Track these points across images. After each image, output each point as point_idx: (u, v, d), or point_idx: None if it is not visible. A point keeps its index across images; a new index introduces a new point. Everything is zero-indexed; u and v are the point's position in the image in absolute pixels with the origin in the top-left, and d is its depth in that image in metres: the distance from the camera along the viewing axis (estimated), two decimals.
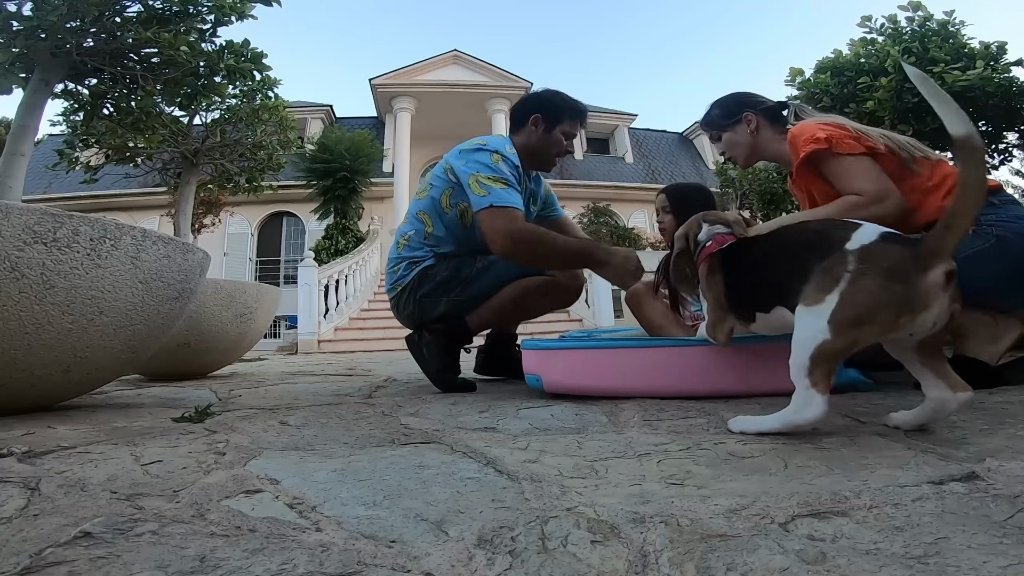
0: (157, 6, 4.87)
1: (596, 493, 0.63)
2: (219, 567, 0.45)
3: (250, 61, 5.62)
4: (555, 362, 1.37)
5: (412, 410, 1.29)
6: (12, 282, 1.11)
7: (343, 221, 10.96)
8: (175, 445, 0.94)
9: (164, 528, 0.54)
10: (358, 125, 13.57)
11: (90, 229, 1.22)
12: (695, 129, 16.77)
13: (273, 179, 9.09)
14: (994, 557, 0.42)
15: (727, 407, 1.16)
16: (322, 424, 1.14)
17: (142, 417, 1.27)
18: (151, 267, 1.37)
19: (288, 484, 0.69)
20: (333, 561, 0.46)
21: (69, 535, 0.52)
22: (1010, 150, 8.19)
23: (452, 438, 0.96)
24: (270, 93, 7.39)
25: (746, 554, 0.45)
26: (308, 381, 2.20)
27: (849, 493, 0.59)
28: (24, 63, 4.67)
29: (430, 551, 0.48)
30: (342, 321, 7.71)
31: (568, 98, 1.71)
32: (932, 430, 0.87)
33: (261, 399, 1.61)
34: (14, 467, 0.77)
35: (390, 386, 1.86)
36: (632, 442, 0.89)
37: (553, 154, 1.70)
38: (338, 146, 10.76)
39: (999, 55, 7.11)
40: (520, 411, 1.22)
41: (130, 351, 1.42)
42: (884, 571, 0.41)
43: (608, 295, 7.83)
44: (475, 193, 1.47)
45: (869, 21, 7.75)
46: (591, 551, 0.47)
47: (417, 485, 0.68)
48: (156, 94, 5.47)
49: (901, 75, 7.10)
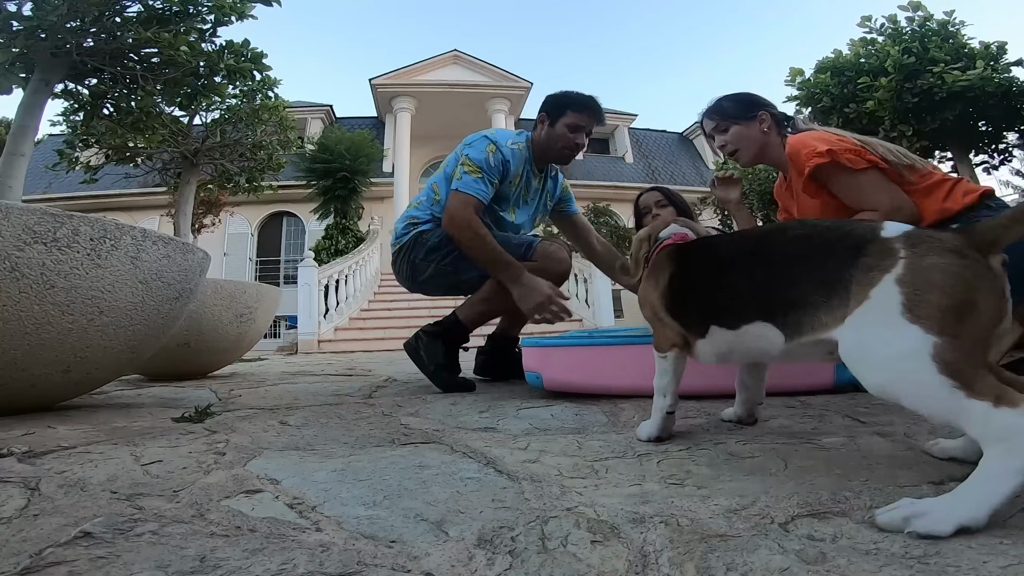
0: (157, 6, 4.86)
1: (596, 493, 0.63)
2: (219, 567, 0.45)
3: (250, 61, 5.62)
4: (556, 359, 1.37)
5: (412, 410, 1.29)
6: (12, 282, 1.11)
7: (343, 221, 10.96)
8: (175, 445, 0.94)
9: (164, 528, 0.54)
10: (358, 125, 13.56)
11: (90, 229, 1.22)
12: (695, 129, 16.76)
13: (273, 179, 9.08)
14: (994, 557, 0.42)
15: (727, 407, 1.17)
16: (322, 424, 1.14)
17: (142, 417, 1.27)
18: (151, 267, 1.37)
19: (288, 484, 0.69)
20: (333, 561, 0.46)
21: (69, 535, 0.52)
22: (1010, 150, 8.19)
23: (452, 438, 0.96)
24: (270, 93, 7.38)
25: (746, 554, 0.45)
26: (308, 381, 2.20)
27: (849, 493, 0.59)
28: (24, 63, 4.67)
29: (430, 551, 0.48)
30: (342, 321, 7.70)
31: (573, 93, 1.72)
32: (933, 430, 0.87)
33: (261, 399, 1.61)
34: (14, 467, 0.77)
35: (390, 386, 1.86)
36: (632, 442, 0.89)
37: (559, 148, 1.70)
38: (338, 146, 10.75)
39: (999, 55, 7.11)
40: (520, 411, 1.22)
41: (130, 351, 1.42)
42: (884, 571, 0.41)
43: (608, 295, 7.83)
44: (456, 176, 1.61)
45: (869, 21, 7.75)
46: (591, 551, 0.47)
47: (417, 485, 0.68)
48: (156, 94, 5.47)
49: (901, 75, 7.10)
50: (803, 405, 1.16)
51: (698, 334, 0.85)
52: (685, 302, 0.88)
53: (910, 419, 0.95)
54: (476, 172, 1.58)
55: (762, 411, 1.11)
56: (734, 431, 0.96)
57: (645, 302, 0.97)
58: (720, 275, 0.82)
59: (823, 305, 0.65)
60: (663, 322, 0.91)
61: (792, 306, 0.69)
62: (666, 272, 0.92)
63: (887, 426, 0.91)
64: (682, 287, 0.89)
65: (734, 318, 0.77)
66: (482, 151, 1.60)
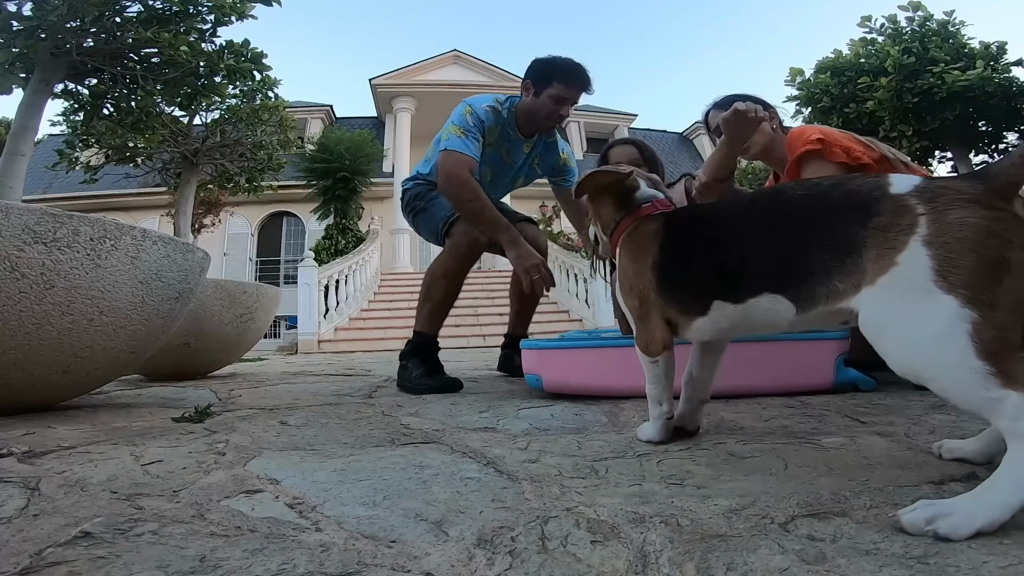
0: (157, 6, 4.87)
1: (596, 493, 0.63)
2: (219, 567, 0.45)
3: (250, 61, 5.63)
4: (555, 361, 1.37)
5: (412, 410, 1.29)
6: (12, 282, 1.11)
7: (343, 221, 10.96)
8: (175, 445, 0.94)
9: (164, 528, 0.54)
10: (358, 125, 13.56)
11: (90, 229, 1.22)
12: (695, 129, 16.76)
13: (273, 179, 9.09)
14: (994, 557, 0.42)
15: (727, 407, 1.17)
16: (322, 424, 1.14)
17: (142, 417, 1.27)
18: (151, 267, 1.37)
19: (288, 484, 0.69)
20: (333, 561, 0.46)
21: (69, 535, 0.52)
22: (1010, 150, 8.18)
23: (452, 438, 0.96)
24: (270, 93, 7.38)
25: (746, 554, 0.45)
26: (308, 381, 2.20)
27: (849, 493, 0.59)
28: (24, 63, 4.67)
29: (430, 551, 0.48)
30: (342, 321, 7.71)
31: (560, 60, 1.70)
32: (933, 430, 0.87)
33: (261, 399, 1.61)
34: (14, 467, 0.77)
35: (390, 386, 1.86)
36: (632, 442, 0.89)
37: (542, 118, 1.71)
38: (338, 146, 10.75)
39: (999, 55, 7.11)
40: (520, 411, 1.22)
41: (130, 351, 1.42)
42: (884, 571, 0.41)
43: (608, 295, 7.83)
44: (444, 138, 1.68)
45: (869, 21, 7.76)
46: (591, 551, 0.47)
47: (417, 485, 0.68)
48: (156, 94, 5.48)
49: (901, 75, 7.10)
50: (803, 405, 1.16)
51: (697, 312, 0.77)
52: (681, 279, 0.79)
53: (910, 419, 0.95)
54: (459, 132, 1.65)
55: (762, 411, 1.11)
56: (734, 431, 0.96)
57: (632, 289, 0.85)
58: (720, 246, 0.75)
59: (836, 271, 0.60)
60: (651, 317, 0.82)
61: (806, 275, 0.63)
62: (655, 248, 0.81)
63: (887, 426, 0.91)
64: (675, 263, 0.80)
65: (741, 291, 0.71)
66: (460, 114, 1.68)
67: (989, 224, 0.51)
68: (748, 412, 1.11)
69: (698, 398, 0.92)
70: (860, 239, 0.58)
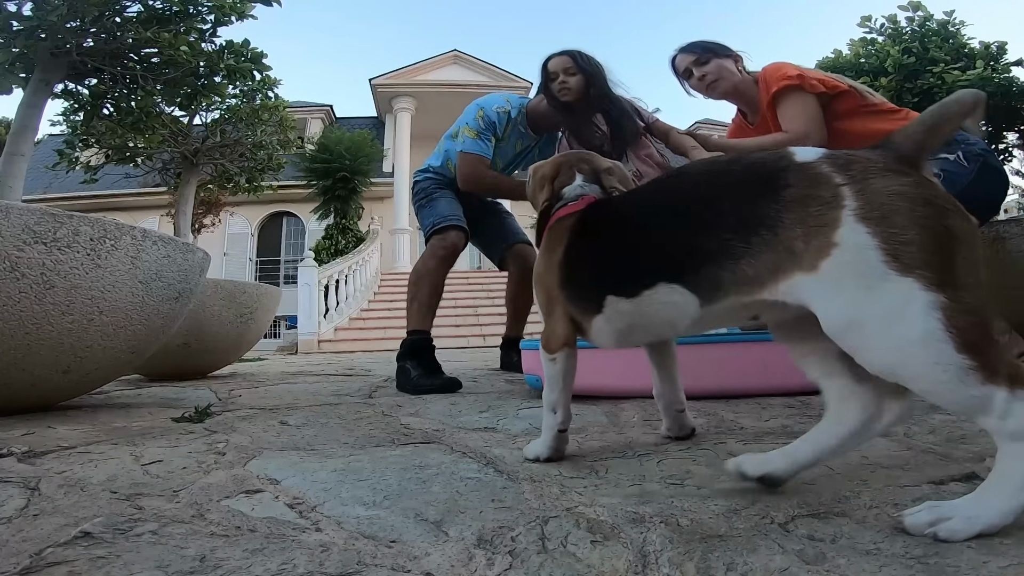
0: (157, 6, 4.87)
1: (596, 493, 0.63)
2: (219, 567, 0.45)
3: (250, 61, 5.63)
4: None
5: (412, 410, 1.29)
6: (12, 282, 1.11)
7: (343, 221, 10.96)
8: (175, 445, 0.94)
9: (164, 528, 0.54)
10: (358, 125, 13.55)
11: (90, 229, 1.22)
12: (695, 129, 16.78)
13: (273, 179, 9.08)
14: (994, 557, 0.42)
15: (727, 407, 1.17)
16: (322, 424, 1.14)
17: (142, 417, 1.27)
18: (151, 267, 1.37)
19: (288, 484, 0.69)
20: (333, 561, 0.46)
21: (69, 535, 0.52)
22: (1010, 150, 8.19)
23: (452, 438, 0.96)
24: (270, 93, 7.39)
25: (746, 554, 0.45)
26: (308, 381, 2.20)
27: (849, 493, 0.59)
28: (24, 63, 4.67)
29: (430, 551, 0.48)
30: (342, 321, 7.71)
31: None
32: (933, 430, 0.87)
33: (261, 399, 1.61)
34: (14, 467, 0.77)
35: (390, 386, 1.86)
36: (632, 442, 0.89)
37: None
38: (338, 146, 10.75)
39: (999, 55, 7.11)
40: (520, 411, 1.22)
41: (130, 351, 1.42)
42: (884, 571, 0.41)
43: None
44: (459, 140, 1.88)
45: (869, 21, 7.75)
46: (591, 551, 0.47)
47: (417, 485, 0.68)
48: (156, 94, 5.47)
49: (901, 75, 7.10)
50: (803, 405, 1.16)
51: (594, 309, 0.72)
52: (578, 273, 0.76)
53: (910, 419, 0.95)
54: (474, 134, 1.85)
55: (762, 411, 1.11)
56: (734, 431, 0.96)
57: (539, 282, 0.82)
58: (614, 235, 0.71)
59: (744, 253, 0.54)
60: (554, 313, 0.78)
61: (705, 259, 0.57)
62: (564, 242, 0.78)
63: None
64: (577, 257, 0.76)
65: (632, 284, 0.66)
66: (473, 117, 1.87)
67: (918, 191, 0.46)
68: (748, 412, 1.11)
69: (674, 408, 0.89)
70: (771, 214, 0.52)
